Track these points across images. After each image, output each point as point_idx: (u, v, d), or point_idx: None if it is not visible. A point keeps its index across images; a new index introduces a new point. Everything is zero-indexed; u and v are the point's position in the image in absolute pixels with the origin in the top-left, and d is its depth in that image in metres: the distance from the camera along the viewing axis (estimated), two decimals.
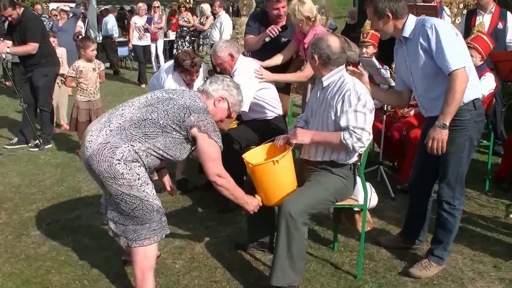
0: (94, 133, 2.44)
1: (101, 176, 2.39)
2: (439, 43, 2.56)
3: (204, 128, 2.48)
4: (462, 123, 2.69)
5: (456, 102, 2.58)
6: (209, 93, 2.66)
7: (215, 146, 2.52)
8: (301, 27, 3.78)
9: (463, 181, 2.83)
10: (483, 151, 5.10)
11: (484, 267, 3.00)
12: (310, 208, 2.57)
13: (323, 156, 2.72)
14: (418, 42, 2.65)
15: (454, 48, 2.56)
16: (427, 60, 2.65)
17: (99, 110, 5.10)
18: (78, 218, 3.72)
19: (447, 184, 2.80)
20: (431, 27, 2.59)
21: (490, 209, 3.88)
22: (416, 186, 3.08)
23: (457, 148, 2.72)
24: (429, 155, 2.74)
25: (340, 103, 2.59)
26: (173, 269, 2.98)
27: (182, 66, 3.91)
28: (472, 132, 2.72)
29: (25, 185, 4.44)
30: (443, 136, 2.63)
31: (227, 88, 2.70)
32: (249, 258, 3.10)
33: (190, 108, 2.49)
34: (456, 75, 2.54)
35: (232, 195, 2.63)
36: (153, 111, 2.46)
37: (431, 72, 2.67)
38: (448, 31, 2.60)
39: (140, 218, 2.45)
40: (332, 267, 3.00)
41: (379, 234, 3.39)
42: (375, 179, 4.31)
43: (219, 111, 2.70)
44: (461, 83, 2.55)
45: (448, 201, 2.82)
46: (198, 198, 4.09)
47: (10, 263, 3.06)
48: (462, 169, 2.78)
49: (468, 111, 2.68)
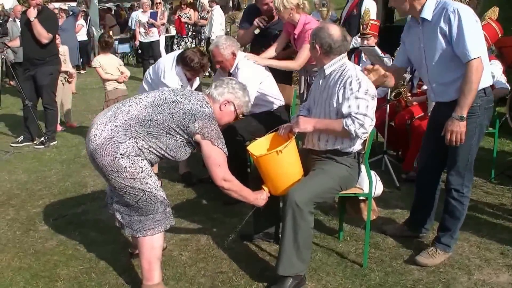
0: (100, 126, 2.46)
1: (105, 169, 2.42)
2: (460, 29, 2.51)
3: (207, 135, 2.50)
4: (473, 109, 2.65)
5: (472, 93, 2.56)
6: (214, 97, 2.67)
7: (219, 152, 2.54)
8: (291, 17, 3.77)
9: (472, 168, 2.82)
10: (488, 139, 5.08)
11: (491, 254, 3.00)
12: (316, 197, 2.57)
13: (326, 145, 2.72)
14: (438, 26, 2.60)
15: (475, 37, 2.52)
16: (445, 44, 2.60)
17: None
18: (84, 212, 3.75)
19: (457, 172, 2.79)
20: (453, 11, 2.53)
21: (496, 196, 3.87)
22: (424, 175, 3.07)
23: (468, 135, 2.69)
24: (437, 144, 2.73)
25: (341, 90, 2.58)
26: (179, 261, 3.00)
27: (190, 65, 3.86)
28: (482, 118, 2.71)
29: (32, 181, 4.47)
30: (462, 128, 2.62)
31: (232, 91, 2.69)
32: (255, 249, 3.11)
33: (195, 114, 2.49)
34: (473, 64, 2.51)
35: (241, 196, 2.65)
36: (159, 113, 2.48)
37: (447, 57, 2.62)
38: (470, 18, 2.55)
39: (144, 209, 2.47)
40: (338, 256, 3.01)
41: (384, 223, 3.39)
42: (380, 169, 4.30)
43: (226, 114, 2.70)
44: (478, 74, 2.52)
45: (457, 189, 2.81)
46: (203, 190, 4.10)
47: (18, 257, 3.09)
48: (471, 156, 2.77)
49: (479, 97, 2.66)
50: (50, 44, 5.49)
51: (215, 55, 3.70)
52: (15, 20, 8.37)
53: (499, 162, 4.40)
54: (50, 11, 5.93)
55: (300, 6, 3.77)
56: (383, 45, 4.57)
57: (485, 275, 2.79)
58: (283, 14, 3.77)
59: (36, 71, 5.53)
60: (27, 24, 5.41)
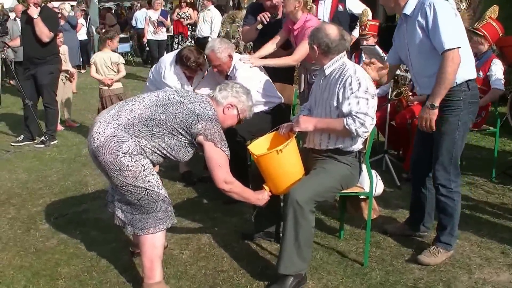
0: (102, 124, 2.46)
1: (107, 167, 2.42)
2: (435, 21, 2.57)
3: (210, 137, 2.50)
4: (455, 103, 2.70)
5: (446, 83, 2.59)
6: (218, 100, 2.69)
7: (221, 154, 2.54)
8: (294, 13, 3.77)
9: (457, 163, 2.83)
10: (489, 138, 5.08)
11: (491, 253, 3.00)
12: (317, 195, 2.57)
13: (327, 144, 2.72)
14: (416, 20, 2.67)
15: (450, 28, 2.57)
16: (424, 38, 2.66)
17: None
18: (85, 211, 3.75)
19: (442, 166, 2.80)
20: (429, 5, 2.60)
21: (497, 195, 3.87)
22: (417, 170, 3.08)
23: (450, 128, 2.73)
24: (425, 138, 2.77)
25: (342, 90, 2.59)
26: (180, 260, 3.00)
27: (186, 64, 3.85)
28: (465, 113, 2.73)
29: (32, 180, 4.47)
30: (431, 116, 2.66)
31: (236, 95, 2.72)
32: (255, 248, 3.11)
33: (199, 115, 2.50)
34: (448, 55, 2.55)
35: (243, 197, 2.66)
36: (162, 112, 2.48)
37: (427, 50, 2.67)
38: (446, 10, 2.60)
39: (145, 207, 2.48)
40: (338, 255, 3.01)
41: (385, 222, 3.39)
42: (381, 168, 4.30)
43: (229, 118, 2.72)
44: (452, 64, 2.55)
45: (444, 185, 2.82)
46: (203, 190, 4.10)
47: (20, 256, 3.09)
48: (456, 150, 2.78)
49: (461, 91, 2.69)
50: (50, 43, 5.49)
51: (212, 59, 3.69)
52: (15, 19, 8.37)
53: (500, 161, 4.41)
54: (50, 10, 5.93)
55: (307, 6, 3.80)
56: (384, 45, 4.57)
57: (486, 274, 2.79)
58: (288, 5, 3.75)
59: (37, 70, 5.52)
60: (28, 23, 5.40)
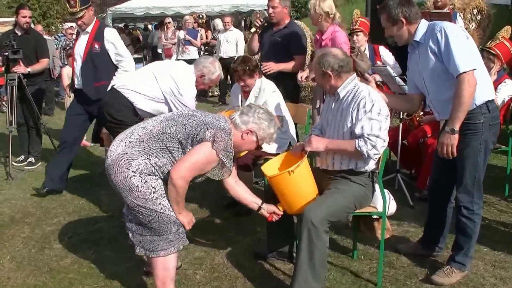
0: (116, 142, 2.51)
1: (118, 186, 2.44)
2: (448, 45, 2.58)
3: (215, 145, 2.42)
4: (476, 126, 2.68)
5: (463, 106, 2.58)
6: (237, 123, 2.59)
7: (209, 160, 2.43)
8: (319, 23, 3.95)
9: (481, 185, 2.82)
10: (501, 157, 5.05)
11: (506, 272, 2.97)
12: (331, 216, 2.58)
13: (341, 165, 2.74)
14: (428, 46, 2.68)
15: (463, 50, 2.58)
16: (437, 63, 2.67)
17: None
18: (99, 230, 3.77)
19: (465, 189, 2.79)
20: (440, 30, 2.62)
21: (511, 214, 3.84)
22: (435, 192, 3.07)
23: (473, 152, 2.71)
24: (445, 161, 2.74)
25: (355, 111, 2.62)
26: (193, 280, 3.00)
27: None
28: (487, 135, 2.71)
29: (46, 200, 4.51)
30: (452, 141, 2.64)
31: (258, 121, 2.59)
32: (269, 268, 3.11)
33: (209, 124, 2.46)
34: (464, 78, 2.55)
35: (175, 200, 2.45)
36: (173, 125, 2.48)
37: (441, 74, 2.68)
38: (457, 34, 2.61)
39: (157, 229, 2.47)
40: (352, 275, 3.00)
41: (398, 242, 3.37)
42: (393, 187, 4.29)
43: (247, 143, 2.62)
44: (468, 87, 2.55)
45: (466, 206, 2.81)
46: (216, 209, 4.11)
47: (34, 275, 3.12)
48: (479, 173, 2.77)
49: (481, 114, 2.68)
50: None
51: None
52: None
53: None
54: (37, 33, 5.98)
55: (330, 15, 3.95)
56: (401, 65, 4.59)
57: None
58: (313, 17, 4.00)
59: (34, 88, 5.56)
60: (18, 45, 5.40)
